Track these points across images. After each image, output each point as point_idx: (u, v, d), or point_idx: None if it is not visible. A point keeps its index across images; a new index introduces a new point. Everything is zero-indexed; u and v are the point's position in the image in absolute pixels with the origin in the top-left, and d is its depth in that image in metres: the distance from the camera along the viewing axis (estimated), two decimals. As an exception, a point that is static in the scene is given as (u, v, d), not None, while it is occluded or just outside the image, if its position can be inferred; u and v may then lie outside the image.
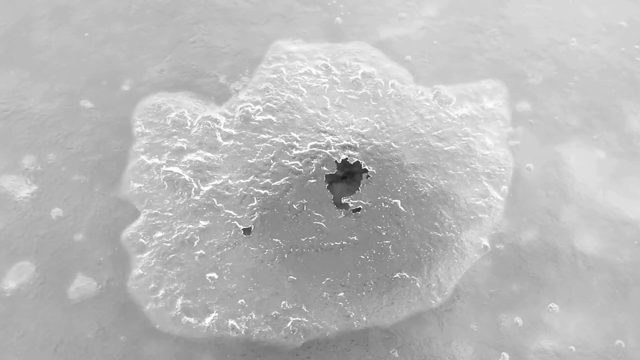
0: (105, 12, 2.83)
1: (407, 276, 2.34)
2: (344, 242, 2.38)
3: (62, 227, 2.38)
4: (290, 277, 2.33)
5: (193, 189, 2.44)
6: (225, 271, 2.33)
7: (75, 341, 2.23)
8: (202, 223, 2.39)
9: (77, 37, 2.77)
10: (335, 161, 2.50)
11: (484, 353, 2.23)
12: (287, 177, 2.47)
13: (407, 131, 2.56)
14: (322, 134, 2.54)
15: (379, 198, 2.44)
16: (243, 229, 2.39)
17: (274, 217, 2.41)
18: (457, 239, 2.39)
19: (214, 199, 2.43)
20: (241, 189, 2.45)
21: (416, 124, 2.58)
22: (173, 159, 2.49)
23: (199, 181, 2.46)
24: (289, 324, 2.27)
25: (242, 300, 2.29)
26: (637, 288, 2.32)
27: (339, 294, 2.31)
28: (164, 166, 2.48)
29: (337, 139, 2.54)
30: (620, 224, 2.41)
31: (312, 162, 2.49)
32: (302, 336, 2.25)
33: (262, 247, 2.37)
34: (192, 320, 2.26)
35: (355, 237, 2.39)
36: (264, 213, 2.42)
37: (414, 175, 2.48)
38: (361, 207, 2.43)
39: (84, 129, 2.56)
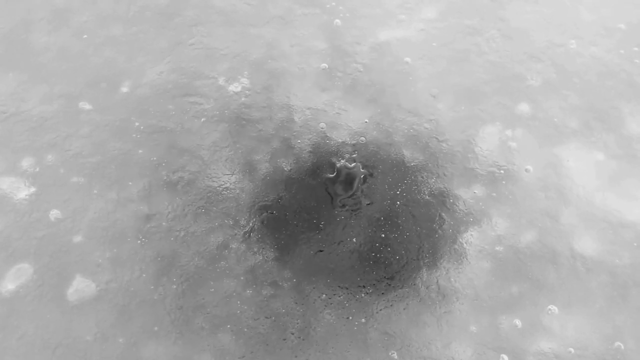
0: (104, 15, 2.84)
1: (406, 278, 2.34)
2: (342, 244, 2.38)
3: (61, 228, 2.38)
4: (289, 278, 2.33)
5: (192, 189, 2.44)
6: (224, 273, 2.32)
7: (73, 343, 2.22)
8: (200, 224, 2.39)
9: (76, 39, 2.77)
10: (334, 162, 2.50)
11: (483, 355, 2.23)
12: (285, 178, 2.47)
13: (406, 132, 2.56)
14: (321, 135, 2.55)
15: (378, 199, 2.44)
16: (242, 231, 2.39)
17: (273, 218, 2.41)
18: (456, 240, 2.39)
19: (213, 200, 2.43)
20: (239, 190, 2.45)
21: (416, 125, 2.58)
22: (172, 161, 2.49)
23: (196, 181, 2.46)
24: (288, 325, 2.26)
25: (240, 302, 2.29)
26: (636, 290, 2.32)
27: (338, 296, 2.31)
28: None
29: (336, 139, 2.54)
30: (619, 226, 2.41)
31: (311, 162, 2.49)
32: (301, 337, 2.25)
33: (261, 248, 2.37)
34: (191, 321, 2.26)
35: (354, 239, 2.38)
36: (262, 214, 2.42)
37: (413, 176, 2.48)
38: (360, 208, 2.43)
39: (82, 130, 2.56)
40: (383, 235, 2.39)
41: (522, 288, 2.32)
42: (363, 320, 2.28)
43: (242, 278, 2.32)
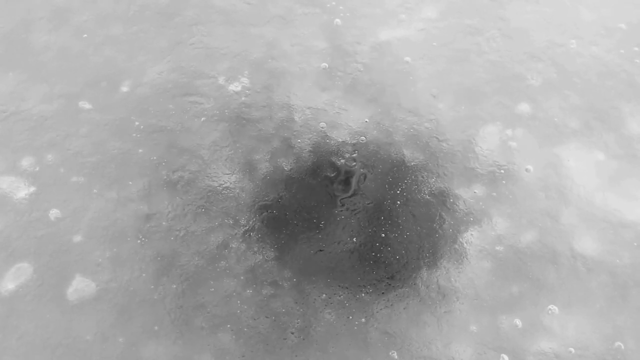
0: (104, 14, 2.84)
1: (406, 278, 2.34)
2: (343, 243, 2.37)
3: (61, 228, 2.38)
4: (289, 278, 2.33)
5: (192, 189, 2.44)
6: (224, 272, 2.32)
7: (73, 343, 2.22)
8: (200, 224, 2.39)
9: (76, 38, 2.77)
10: (334, 162, 2.50)
11: (483, 354, 2.23)
12: (285, 178, 2.47)
13: (406, 132, 2.56)
14: (321, 134, 2.54)
15: (378, 199, 2.44)
16: (242, 230, 2.39)
17: (273, 218, 2.41)
18: (456, 240, 2.39)
19: (213, 199, 2.43)
20: (239, 189, 2.45)
21: (416, 125, 2.58)
22: (172, 160, 2.49)
23: (196, 180, 2.46)
24: (288, 324, 2.26)
25: (240, 302, 2.29)
26: (637, 290, 2.32)
27: (338, 295, 2.31)
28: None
29: (336, 139, 2.54)
30: (620, 226, 2.41)
31: (311, 162, 2.49)
32: (301, 337, 2.25)
33: (261, 248, 2.37)
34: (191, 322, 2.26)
35: (354, 239, 2.38)
36: (262, 214, 2.41)
37: (413, 176, 2.48)
38: (360, 208, 2.43)
39: (82, 130, 2.56)
40: (383, 234, 2.39)
41: (522, 288, 2.32)
42: (363, 319, 2.28)
43: (242, 278, 2.32)
